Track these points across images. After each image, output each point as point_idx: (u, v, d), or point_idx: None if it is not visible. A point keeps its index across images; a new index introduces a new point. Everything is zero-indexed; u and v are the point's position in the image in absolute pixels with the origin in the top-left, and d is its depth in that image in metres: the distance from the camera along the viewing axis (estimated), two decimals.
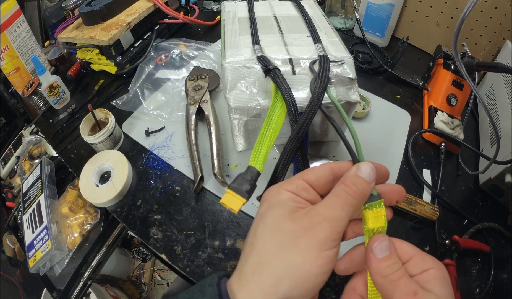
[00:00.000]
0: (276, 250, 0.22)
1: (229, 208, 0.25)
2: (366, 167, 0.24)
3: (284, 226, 0.22)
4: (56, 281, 0.54)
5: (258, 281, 0.22)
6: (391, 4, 0.71)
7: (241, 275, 0.23)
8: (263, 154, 0.29)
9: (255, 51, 0.43)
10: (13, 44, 0.62)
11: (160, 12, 0.73)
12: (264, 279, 0.21)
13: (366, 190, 0.23)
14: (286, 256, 0.22)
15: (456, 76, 0.59)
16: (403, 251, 0.23)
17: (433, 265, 0.21)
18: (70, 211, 0.57)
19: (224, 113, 0.56)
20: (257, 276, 0.22)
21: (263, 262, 0.22)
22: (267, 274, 0.22)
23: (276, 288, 0.21)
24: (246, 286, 0.22)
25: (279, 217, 0.23)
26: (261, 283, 0.21)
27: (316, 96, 0.34)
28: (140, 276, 1.14)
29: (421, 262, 0.22)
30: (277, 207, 0.24)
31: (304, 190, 0.24)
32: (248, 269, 0.22)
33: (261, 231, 0.23)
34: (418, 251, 0.23)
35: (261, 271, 0.22)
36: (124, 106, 0.60)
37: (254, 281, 0.22)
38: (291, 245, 0.22)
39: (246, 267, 0.23)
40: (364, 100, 0.60)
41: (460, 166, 0.55)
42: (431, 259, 0.22)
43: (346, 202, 0.22)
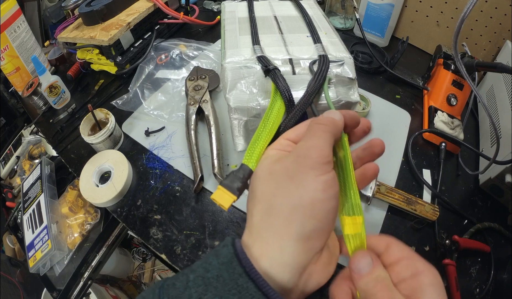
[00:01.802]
0: (275, 191, 0.22)
1: (219, 204, 0.25)
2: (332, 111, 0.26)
3: (275, 168, 0.23)
4: (56, 281, 0.54)
5: (269, 227, 0.22)
6: (391, 4, 0.71)
7: (251, 229, 0.23)
8: (258, 153, 0.29)
9: (255, 51, 0.43)
10: (13, 44, 0.62)
11: (160, 12, 0.73)
12: (274, 222, 0.21)
13: (337, 118, 0.25)
14: (286, 193, 0.22)
15: (456, 76, 0.59)
16: (394, 251, 0.23)
17: (423, 268, 0.21)
18: (70, 211, 0.57)
19: (224, 113, 0.56)
20: (266, 223, 0.22)
21: (266, 207, 0.22)
22: (274, 217, 0.21)
23: (288, 228, 0.21)
24: (259, 237, 0.22)
25: (268, 165, 0.24)
26: (272, 228, 0.21)
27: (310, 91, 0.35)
28: (140, 276, 1.14)
29: (412, 265, 0.21)
30: (265, 160, 0.25)
31: (288, 145, 0.26)
32: (256, 221, 0.22)
33: (256, 182, 0.24)
34: (410, 253, 0.22)
35: (268, 216, 0.22)
36: (124, 106, 0.60)
37: (265, 229, 0.22)
38: (287, 180, 0.22)
39: (253, 220, 0.23)
40: (364, 100, 0.60)
41: (460, 166, 0.55)
42: (422, 262, 0.21)
43: (322, 130, 0.24)
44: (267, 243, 0.21)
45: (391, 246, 0.23)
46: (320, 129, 0.24)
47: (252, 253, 0.21)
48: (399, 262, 0.22)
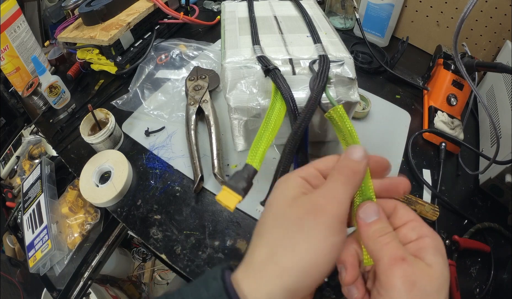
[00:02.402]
0: (282, 239, 0.22)
1: (224, 205, 0.25)
2: (355, 149, 0.24)
3: (289, 212, 0.22)
4: (56, 281, 0.54)
5: (264, 272, 0.21)
6: (391, 4, 0.71)
7: (249, 267, 0.22)
8: (261, 152, 0.29)
9: (255, 51, 0.43)
10: (13, 44, 0.62)
11: (160, 12, 0.73)
12: (270, 270, 0.21)
13: (358, 167, 0.23)
14: (292, 244, 0.21)
15: (456, 76, 0.59)
16: (402, 214, 0.23)
17: (428, 233, 0.22)
18: (70, 211, 0.57)
19: (224, 113, 0.56)
20: (264, 267, 0.21)
21: (269, 252, 0.22)
22: (273, 264, 0.21)
23: (282, 280, 0.21)
24: (253, 277, 0.22)
25: (283, 204, 0.23)
26: (267, 275, 0.21)
27: (315, 95, 0.34)
28: (140, 276, 1.14)
29: (418, 227, 0.22)
30: (283, 193, 0.24)
31: (315, 177, 0.25)
32: (256, 260, 0.22)
33: (267, 220, 0.23)
34: (417, 217, 0.23)
35: (268, 261, 0.21)
36: (124, 106, 0.60)
37: (261, 272, 0.21)
38: (297, 231, 0.21)
39: (253, 258, 0.22)
40: (364, 100, 0.60)
41: (460, 166, 0.55)
42: (427, 227, 0.22)
43: (342, 182, 0.23)
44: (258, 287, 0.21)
45: (398, 209, 0.23)
46: (341, 181, 0.23)
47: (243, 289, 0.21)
48: (406, 225, 0.23)
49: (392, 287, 0.19)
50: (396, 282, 0.19)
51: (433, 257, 0.20)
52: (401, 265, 0.20)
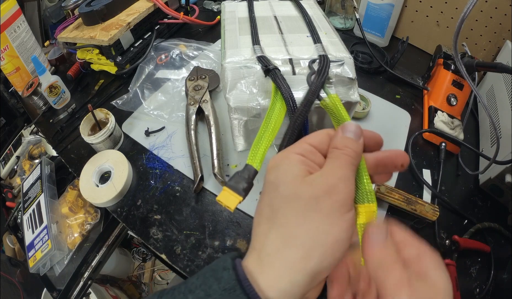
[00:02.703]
0: (300, 220, 0.20)
1: (225, 206, 0.25)
2: (350, 125, 0.24)
3: (302, 192, 0.21)
4: (56, 281, 0.54)
5: (285, 258, 0.20)
6: (391, 4, 0.71)
7: (262, 255, 0.21)
8: (261, 152, 0.29)
9: (255, 51, 0.43)
10: (13, 44, 0.62)
11: (160, 12, 0.73)
12: (292, 254, 0.20)
13: (357, 148, 0.23)
14: (311, 224, 0.20)
15: (456, 76, 0.59)
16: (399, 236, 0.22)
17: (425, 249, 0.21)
18: (70, 211, 0.57)
19: (224, 113, 0.56)
20: (283, 252, 0.20)
21: (288, 235, 0.20)
22: (295, 248, 0.20)
23: (305, 263, 0.20)
24: (271, 266, 0.20)
25: (294, 183, 0.22)
26: (289, 260, 0.20)
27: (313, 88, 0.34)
28: (140, 276, 1.14)
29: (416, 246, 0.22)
30: (288, 172, 0.22)
31: (311, 153, 0.24)
32: (271, 247, 0.21)
33: (278, 202, 0.22)
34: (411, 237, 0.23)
35: (288, 246, 0.20)
36: (124, 106, 0.60)
37: (280, 259, 0.20)
38: (314, 211, 0.20)
39: (267, 245, 0.21)
40: (364, 100, 0.60)
41: (460, 166, 0.55)
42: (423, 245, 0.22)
43: (348, 162, 0.23)
44: (278, 275, 0.20)
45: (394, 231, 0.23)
46: (346, 161, 0.22)
47: (259, 283, 0.20)
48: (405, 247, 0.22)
49: None
50: None
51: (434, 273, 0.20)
52: (408, 288, 0.19)
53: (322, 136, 0.25)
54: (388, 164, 0.25)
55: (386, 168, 0.25)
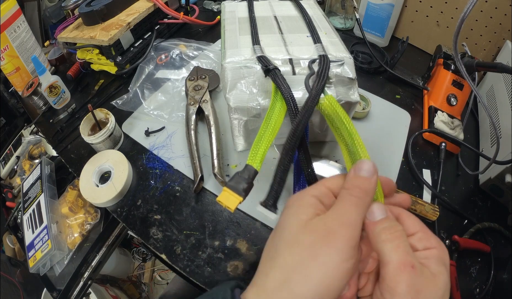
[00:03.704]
0: (296, 266, 0.21)
1: (225, 206, 0.25)
2: (363, 164, 0.24)
3: (302, 238, 0.22)
4: (56, 281, 0.54)
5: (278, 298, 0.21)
6: (391, 4, 0.71)
7: (260, 291, 0.22)
8: (261, 153, 0.29)
9: (255, 51, 0.43)
10: (13, 44, 0.62)
11: (160, 12, 0.73)
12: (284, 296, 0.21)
13: (368, 187, 0.23)
14: (306, 272, 0.21)
15: (456, 76, 0.59)
16: (409, 225, 0.23)
17: (436, 244, 0.22)
18: (70, 211, 0.57)
19: (224, 113, 0.56)
20: (277, 293, 0.21)
21: (284, 279, 0.21)
22: (288, 292, 0.21)
23: None
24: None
25: (296, 228, 0.23)
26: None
27: (314, 92, 0.34)
28: (140, 276, 1.14)
29: (425, 238, 0.22)
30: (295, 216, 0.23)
31: (326, 196, 0.24)
32: (269, 286, 0.22)
33: (281, 244, 0.23)
34: (424, 227, 0.23)
35: (281, 288, 0.21)
36: (124, 106, 0.60)
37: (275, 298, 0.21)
38: (311, 258, 0.21)
39: (267, 283, 0.22)
40: (364, 100, 0.60)
41: (460, 166, 0.55)
42: (435, 238, 0.22)
43: (354, 204, 0.22)
44: None
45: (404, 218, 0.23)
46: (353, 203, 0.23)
47: None
48: (413, 235, 0.22)
49: (397, 293, 0.19)
50: (402, 288, 0.19)
51: (437, 267, 0.20)
52: (410, 272, 0.19)
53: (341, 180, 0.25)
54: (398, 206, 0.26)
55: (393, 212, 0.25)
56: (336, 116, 0.30)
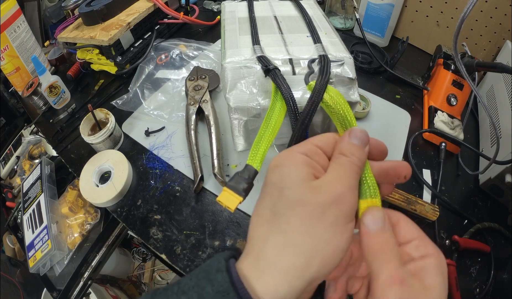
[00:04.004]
0: (302, 227, 0.20)
1: (225, 206, 0.25)
2: (357, 132, 0.24)
3: (308, 199, 0.20)
4: (56, 281, 0.54)
5: (285, 265, 0.20)
6: (391, 4, 0.71)
7: (259, 259, 0.20)
8: (261, 153, 0.29)
9: (255, 51, 0.43)
10: (13, 44, 0.62)
11: (160, 12, 0.73)
12: (292, 262, 0.19)
13: (363, 156, 0.23)
14: (314, 233, 0.20)
15: (456, 76, 0.59)
16: (406, 231, 0.22)
17: (433, 252, 0.21)
18: (70, 211, 0.57)
19: (224, 113, 0.56)
20: (282, 259, 0.20)
21: (289, 242, 0.20)
22: (295, 255, 0.20)
23: (304, 271, 0.19)
24: (268, 272, 0.20)
25: (300, 188, 0.21)
26: (289, 267, 0.19)
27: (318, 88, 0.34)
28: (140, 276, 1.14)
29: (423, 246, 0.21)
30: (293, 174, 0.22)
31: (316, 153, 0.23)
32: (270, 252, 0.20)
33: (282, 206, 0.21)
34: (421, 234, 0.22)
35: (287, 252, 0.20)
36: (124, 106, 0.60)
37: (280, 266, 0.20)
38: (319, 219, 0.20)
39: (265, 250, 0.20)
40: (364, 100, 0.60)
41: (460, 166, 0.55)
42: (432, 246, 0.21)
43: (354, 171, 0.22)
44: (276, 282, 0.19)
45: (402, 225, 0.23)
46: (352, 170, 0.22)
47: (255, 287, 0.20)
48: (410, 243, 0.22)
49: None
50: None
51: (433, 279, 0.20)
52: (399, 287, 0.19)
53: (328, 139, 0.24)
54: (391, 174, 0.25)
55: (389, 178, 0.25)
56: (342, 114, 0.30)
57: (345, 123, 0.29)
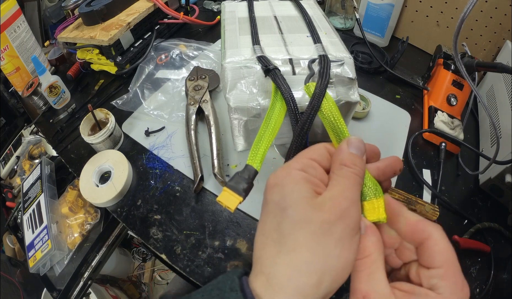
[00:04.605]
0: (311, 245, 0.20)
1: (225, 206, 0.25)
2: (355, 141, 0.24)
3: (313, 217, 0.20)
4: (56, 281, 0.54)
5: (298, 285, 0.20)
6: (391, 4, 0.71)
7: (271, 279, 0.20)
8: (261, 153, 0.29)
9: (255, 51, 0.43)
10: (13, 44, 0.62)
11: (160, 12, 0.73)
12: (305, 281, 0.20)
13: (364, 165, 0.24)
14: (323, 250, 0.20)
15: (456, 76, 0.59)
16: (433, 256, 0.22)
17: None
18: (70, 211, 0.57)
19: (224, 113, 0.56)
20: (295, 279, 0.20)
21: (299, 261, 0.20)
22: (307, 275, 0.20)
23: (317, 289, 0.20)
24: (281, 292, 0.20)
25: (304, 206, 0.21)
26: (301, 287, 0.20)
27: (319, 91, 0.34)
28: (140, 276, 1.14)
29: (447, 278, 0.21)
30: (295, 192, 0.22)
31: (312, 168, 0.23)
32: (282, 273, 0.20)
33: (287, 226, 0.21)
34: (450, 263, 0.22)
35: (299, 272, 0.20)
36: (124, 106, 0.60)
37: (292, 286, 0.20)
38: (326, 236, 0.20)
39: (277, 271, 0.20)
40: (364, 100, 0.60)
41: (460, 166, 0.55)
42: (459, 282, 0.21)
43: (357, 182, 0.23)
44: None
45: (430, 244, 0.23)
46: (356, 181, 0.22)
47: None
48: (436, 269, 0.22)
49: None
50: None
51: None
52: None
53: (320, 150, 0.25)
54: (388, 171, 0.26)
55: (386, 175, 0.26)
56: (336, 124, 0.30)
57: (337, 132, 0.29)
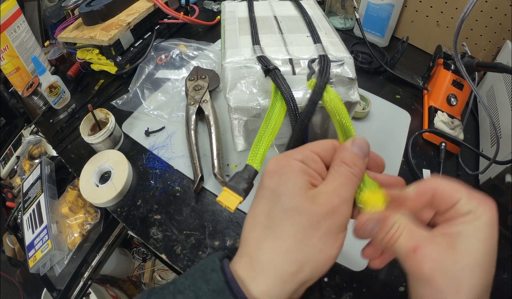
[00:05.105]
0: (297, 235, 0.21)
1: (225, 206, 0.25)
2: (360, 141, 0.24)
3: (304, 208, 0.21)
4: (56, 281, 0.54)
5: (278, 269, 0.21)
6: (391, 4, 0.71)
7: (254, 262, 0.21)
8: (261, 153, 0.29)
9: (255, 51, 0.43)
10: (13, 44, 0.62)
11: (160, 12, 0.73)
12: (285, 267, 0.21)
13: (364, 167, 0.24)
14: (307, 242, 0.21)
15: (456, 76, 0.59)
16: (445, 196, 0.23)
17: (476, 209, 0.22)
18: (70, 211, 0.57)
19: (224, 113, 0.56)
20: (276, 263, 0.21)
21: (283, 249, 0.21)
22: (288, 261, 0.21)
23: (296, 276, 0.20)
24: (262, 274, 0.21)
25: (297, 197, 0.21)
26: (281, 271, 0.20)
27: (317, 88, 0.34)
28: (140, 276, 1.14)
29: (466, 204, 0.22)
30: (292, 182, 0.22)
31: (313, 160, 0.23)
32: (265, 256, 0.21)
33: (278, 212, 0.22)
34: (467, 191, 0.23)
35: (282, 258, 0.21)
36: (124, 106, 0.60)
37: (274, 270, 0.21)
38: (313, 229, 0.21)
39: (260, 253, 0.21)
40: (364, 100, 0.60)
41: (460, 166, 0.55)
42: (477, 201, 0.22)
43: (353, 182, 0.23)
44: (270, 284, 0.20)
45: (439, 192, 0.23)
46: (352, 181, 0.22)
47: (250, 288, 0.20)
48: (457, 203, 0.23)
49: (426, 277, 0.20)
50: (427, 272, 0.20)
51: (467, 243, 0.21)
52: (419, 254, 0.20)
53: (326, 145, 0.25)
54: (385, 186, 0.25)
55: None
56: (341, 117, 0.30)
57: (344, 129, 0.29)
